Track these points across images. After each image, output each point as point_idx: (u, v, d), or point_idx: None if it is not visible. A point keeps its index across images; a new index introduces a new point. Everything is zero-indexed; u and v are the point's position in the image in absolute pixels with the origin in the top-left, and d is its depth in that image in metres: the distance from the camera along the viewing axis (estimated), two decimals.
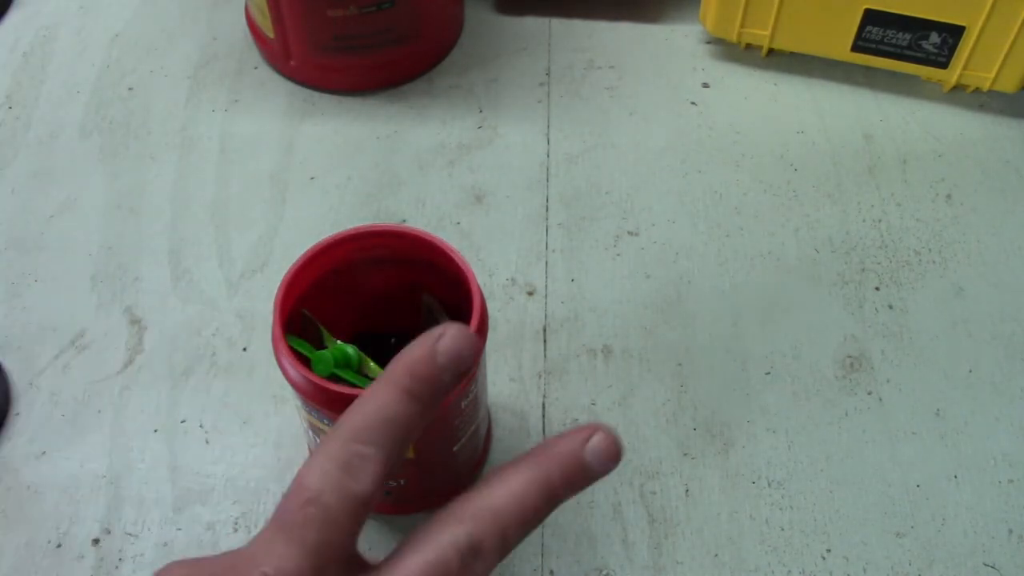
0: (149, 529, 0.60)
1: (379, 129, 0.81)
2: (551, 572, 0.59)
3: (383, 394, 0.32)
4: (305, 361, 0.51)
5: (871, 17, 0.78)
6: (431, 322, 0.59)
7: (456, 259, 0.52)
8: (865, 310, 0.70)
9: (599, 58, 0.87)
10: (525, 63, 0.86)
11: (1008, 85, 0.79)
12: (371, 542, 0.59)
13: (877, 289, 0.71)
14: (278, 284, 0.51)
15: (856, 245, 0.74)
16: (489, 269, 0.72)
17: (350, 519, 0.30)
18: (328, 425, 0.51)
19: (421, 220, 0.75)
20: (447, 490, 0.61)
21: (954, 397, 0.66)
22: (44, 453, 0.63)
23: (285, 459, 0.63)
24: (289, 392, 0.54)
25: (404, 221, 0.75)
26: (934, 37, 0.78)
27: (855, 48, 0.81)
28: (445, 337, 0.32)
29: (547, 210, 0.76)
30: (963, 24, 0.76)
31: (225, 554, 0.30)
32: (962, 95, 0.83)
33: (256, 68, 0.86)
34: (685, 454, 0.63)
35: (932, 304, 0.71)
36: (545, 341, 0.68)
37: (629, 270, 0.72)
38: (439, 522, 0.31)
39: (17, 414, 0.65)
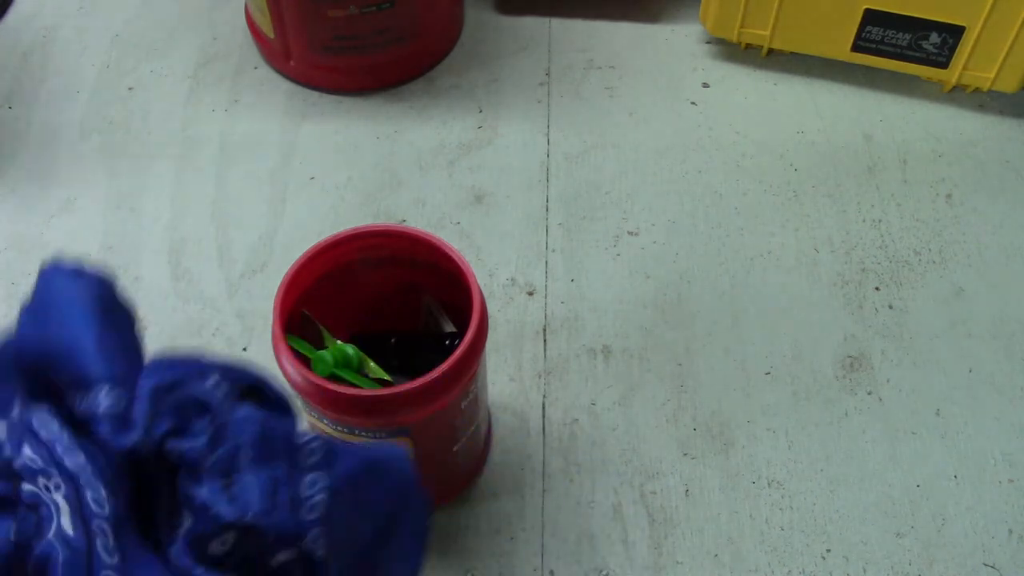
0: None
1: (379, 129, 0.81)
2: (551, 572, 0.59)
3: None
4: (305, 361, 0.51)
5: (871, 17, 0.78)
6: (431, 323, 0.59)
7: (456, 259, 0.52)
8: (865, 310, 0.70)
9: (599, 58, 0.87)
10: (525, 63, 0.86)
11: (1008, 85, 0.79)
12: None
13: (877, 289, 0.71)
14: (278, 284, 0.51)
15: (856, 245, 0.74)
16: (489, 269, 0.72)
17: None
18: (328, 425, 0.51)
19: (421, 220, 0.75)
20: (447, 490, 0.61)
21: (954, 397, 0.66)
22: None
23: None
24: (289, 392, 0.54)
25: (404, 221, 0.75)
26: (934, 37, 0.78)
27: (855, 48, 0.81)
28: None
29: (547, 210, 0.76)
30: (963, 24, 0.76)
31: None
32: (962, 95, 0.83)
33: (256, 68, 0.86)
34: (685, 454, 0.63)
35: (932, 304, 0.71)
36: (545, 341, 0.68)
37: (629, 270, 0.72)
38: None
39: None
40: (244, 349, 0.68)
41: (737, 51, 0.86)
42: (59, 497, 0.26)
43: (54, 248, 0.73)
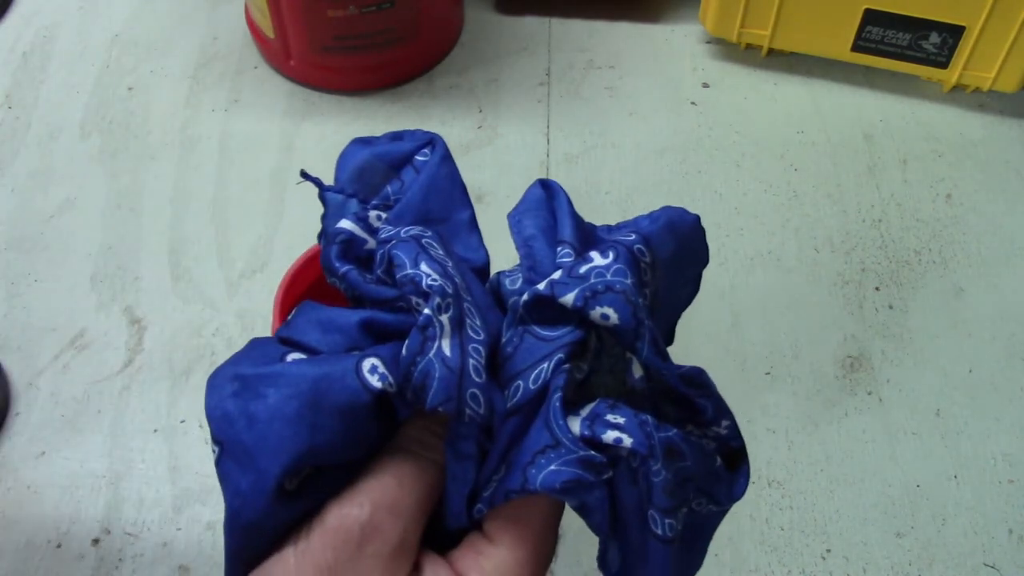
0: (149, 529, 0.60)
1: (379, 129, 0.81)
2: (551, 573, 0.58)
3: None
4: None
5: (871, 17, 0.78)
6: None
7: None
8: (865, 310, 0.70)
9: (599, 58, 0.87)
10: (525, 63, 0.86)
11: (1008, 85, 0.79)
12: None
13: (877, 289, 0.71)
14: (278, 284, 0.51)
15: (856, 245, 0.74)
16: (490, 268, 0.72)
17: None
18: None
19: None
20: None
21: (954, 397, 0.66)
22: (44, 453, 0.63)
23: None
24: None
25: None
26: (934, 37, 0.78)
27: (855, 48, 0.81)
28: None
29: None
30: (963, 24, 0.76)
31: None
32: (962, 95, 0.83)
33: (256, 68, 0.86)
34: None
35: (932, 304, 0.71)
36: None
37: None
38: None
39: (17, 414, 0.65)
40: None
41: (737, 51, 0.86)
42: (444, 318, 0.28)
43: (54, 248, 0.73)
